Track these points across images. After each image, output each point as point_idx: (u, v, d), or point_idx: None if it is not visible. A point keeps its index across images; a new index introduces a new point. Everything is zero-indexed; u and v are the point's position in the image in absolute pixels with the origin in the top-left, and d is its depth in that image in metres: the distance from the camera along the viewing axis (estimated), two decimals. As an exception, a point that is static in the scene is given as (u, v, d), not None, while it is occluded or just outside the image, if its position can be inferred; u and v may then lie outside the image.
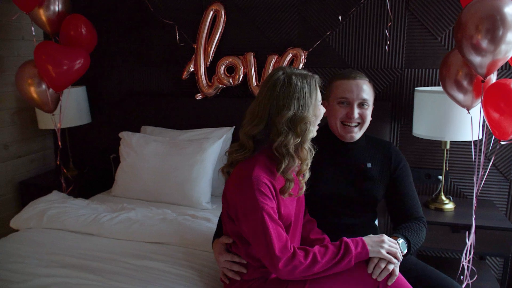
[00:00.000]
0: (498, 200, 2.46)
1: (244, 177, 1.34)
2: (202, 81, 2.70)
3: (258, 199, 1.30)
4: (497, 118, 1.85)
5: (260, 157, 1.39)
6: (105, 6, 2.87)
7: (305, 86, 1.38)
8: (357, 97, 1.67)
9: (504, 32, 1.68)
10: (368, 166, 1.72)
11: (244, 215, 1.33)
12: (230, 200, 1.41)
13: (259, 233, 1.29)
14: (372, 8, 2.44)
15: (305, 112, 1.36)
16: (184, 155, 2.42)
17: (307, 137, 1.38)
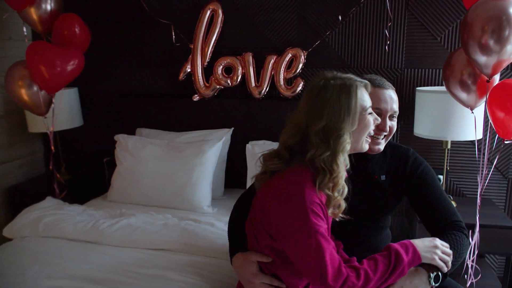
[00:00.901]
0: (497, 198, 2.48)
1: (293, 196, 1.21)
2: (199, 82, 2.64)
3: (312, 221, 1.17)
4: (502, 118, 1.86)
5: (304, 171, 1.25)
6: (98, 5, 2.79)
7: (341, 94, 1.24)
8: (390, 109, 1.53)
9: (510, 32, 1.68)
10: (382, 178, 1.59)
11: (294, 237, 1.19)
12: (272, 218, 1.24)
13: (311, 257, 1.17)
14: (372, 8, 2.43)
15: (339, 123, 1.23)
16: (183, 158, 2.37)
17: (339, 150, 1.23)
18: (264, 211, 1.27)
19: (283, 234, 1.22)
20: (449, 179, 2.52)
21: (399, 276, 1.24)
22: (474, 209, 2.27)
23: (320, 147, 1.23)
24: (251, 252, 1.36)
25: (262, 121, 2.58)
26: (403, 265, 1.23)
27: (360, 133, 1.30)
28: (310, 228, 1.17)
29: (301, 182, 1.22)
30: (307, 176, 1.24)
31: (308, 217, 1.17)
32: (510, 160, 2.43)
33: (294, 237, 1.19)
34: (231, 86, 2.62)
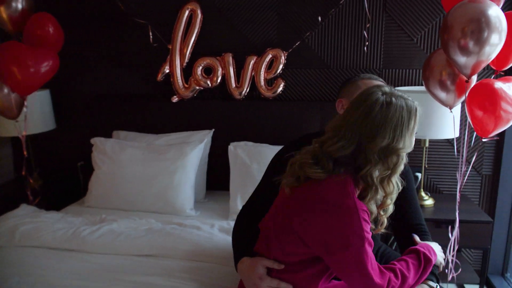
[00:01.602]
0: (471, 194, 2.57)
1: (341, 205, 1.18)
2: (179, 83, 2.60)
3: (363, 229, 1.17)
4: (481, 116, 1.92)
5: (349, 182, 1.22)
6: (71, 3, 2.68)
7: (404, 113, 1.20)
8: None
9: (488, 34, 1.74)
10: None
11: (343, 245, 1.17)
12: (313, 226, 1.21)
13: (361, 263, 1.17)
14: (351, 9, 2.47)
15: (400, 143, 1.19)
16: (165, 160, 2.32)
17: (397, 170, 1.22)
18: (301, 218, 1.23)
19: (329, 243, 1.19)
20: (426, 177, 2.59)
21: (426, 275, 1.30)
22: (452, 205, 2.35)
23: (377, 164, 1.20)
24: (260, 258, 1.34)
25: (243, 122, 2.57)
26: (431, 264, 1.31)
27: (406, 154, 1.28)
28: (362, 236, 1.16)
29: (350, 193, 1.20)
30: (352, 186, 1.22)
31: (360, 225, 1.17)
32: (484, 157, 2.52)
33: (344, 245, 1.17)
34: (211, 87, 2.59)
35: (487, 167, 2.53)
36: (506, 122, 1.90)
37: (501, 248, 2.56)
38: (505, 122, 1.90)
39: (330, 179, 1.22)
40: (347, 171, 1.23)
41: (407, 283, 1.24)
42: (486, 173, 2.54)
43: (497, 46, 1.76)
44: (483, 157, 2.52)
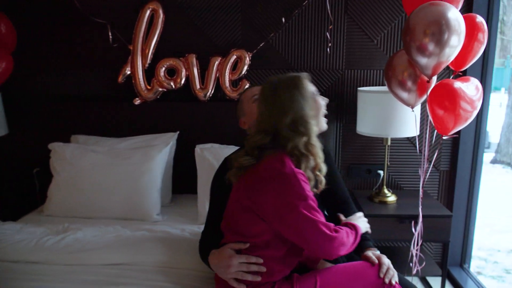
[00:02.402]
0: (430, 189, 2.68)
1: (282, 174, 1.34)
2: (141, 85, 2.52)
3: (304, 189, 1.33)
4: (441, 115, 2.01)
5: (283, 155, 1.38)
6: (24, 1, 2.53)
7: (292, 87, 1.41)
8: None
9: (449, 36, 1.82)
10: None
11: (290, 209, 1.32)
12: (264, 199, 1.35)
13: (310, 220, 1.31)
14: (314, 11, 2.50)
15: (301, 111, 1.39)
16: (129, 165, 2.25)
17: (312, 133, 1.40)
18: (253, 197, 1.38)
19: (278, 211, 1.33)
20: (388, 174, 2.67)
21: (359, 238, 1.45)
22: (413, 201, 2.44)
23: (295, 137, 1.38)
24: (230, 244, 1.45)
25: (208, 123, 2.54)
26: (359, 230, 1.47)
27: (318, 115, 1.50)
28: (304, 195, 1.32)
29: (286, 162, 1.36)
30: (287, 158, 1.38)
31: (300, 185, 1.32)
32: (442, 153, 2.63)
33: (290, 209, 1.31)
34: (175, 89, 2.54)
35: (444, 163, 2.65)
36: (465, 120, 1.99)
37: (459, 240, 2.69)
38: (464, 120, 1.99)
39: (266, 158, 1.39)
40: (277, 151, 1.40)
41: (351, 237, 1.40)
42: (443, 169, 2.66)
43: (456, 47, 1.84)
44: (441, 153, 2.63)
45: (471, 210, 2.66)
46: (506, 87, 8.39)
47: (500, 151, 7.29)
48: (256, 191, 1.37)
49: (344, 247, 1.36)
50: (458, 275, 2.63)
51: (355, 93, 2.56)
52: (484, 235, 4.24)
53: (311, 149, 1.40)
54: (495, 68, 8.79)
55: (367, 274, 1.42)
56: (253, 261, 1.39)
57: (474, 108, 2.00)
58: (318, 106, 1.51)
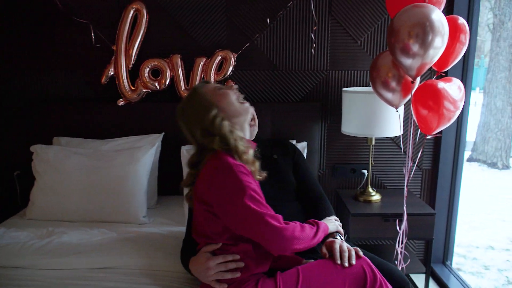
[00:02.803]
0: (413, 188, 2.73)
1: (219, 168, 1.39)
2: (124, 86, 2.49)
3: (242, 180, 1.35)
4: (425, 115, 2.04)
5: (220, 153, 1.44)
6: (1, 0, 2.47)
7: (190, 99, 1.52)
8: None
9: (432, 38, 1.85)
10: (275, 157, 1.91)
11: (232, 201, 1.35)
12: (211, 199, 1.40)
13: (254, 212, 1.32)
14: (298, 12, 2.51)
15: (204, 116, 1.47)
16: (115, 167, 2.21)
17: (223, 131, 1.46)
18: (202, 197, 1.43)
19: (225, 206, 1.37)
20: (372, 173, 2.70)
21: (321, 236, 1.46)
22: (397, 200, 2.48)
23: (214, 139, 1.45)
24: (204, 247, 1.48)
25: (194, 124, 2.52)
26: (322, 226, 1.49)
27: (239, 121, 1.55)
28: (243, 186, 1.35)
29: (221, 156, 1.42)
30: (224, 154, 1.43)
31: (237, 177, 1.36)
32: (424, 153, 2.68)
33: (232, 201, 1.35)
34: (160, 90, 2.51)
35: (426, 162, 2.70)
36: (448, 120, 2.04)
37: (441, 237, 2.75)
38: (447, 120, 2.04)
39: (207, 160, 1.46)
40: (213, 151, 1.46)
41: (305, 231, 1.40)
42: (426, 167, 2.71)
43: (440, 48, 1.88)
44: (423, 153, 2.68)
45: (453, 208, 2.72)
46: (480, 87, 8.62)
47: (476, 149, 7.48)
48: (203, 190, 1.43)
49: (299, 240, 1.36)
50: (441, 272, 2.68)
51: (339, 94, 2.59)
52: (462, 232, 4.34)
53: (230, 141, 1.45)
54: (471, 68, 8.66)
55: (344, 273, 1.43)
56: (229, 260, 1.42)
57: (457, 108, 2.04)
58: (240, 112, 1.56)
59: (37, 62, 2.56)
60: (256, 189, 1.38)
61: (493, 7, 7.44)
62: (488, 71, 7.30)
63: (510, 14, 6.77)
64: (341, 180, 2.74)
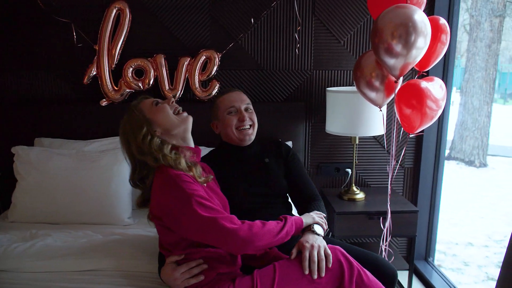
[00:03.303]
0: (396, 186, 2.77)
1: (163, 183, 1.41)
2: (107, 86, 2.46)
3: (185, 189, 1.36)
4: (409, 114, 2.08)
5: (163, 167, 1.45)
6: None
7: (130, 118, 1.55)
8: (242, 103, 1.88)
9: (415, 38, 1.88)
10: (266, 161, 1.90)
11: (182, 212, 1.35)
12: (161, 212, 1.42)
13: (204, 218, 1.33)
14: (282, 12, 2.52)
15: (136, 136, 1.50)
16: (98, 168, 2.18)
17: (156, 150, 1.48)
18: (154, 212, 1.46)
19: (175, 217, 1.38)
20: (356, 172, 2.74)
21: (289, 231, 1.45)
22: (380, 198, 2.52)
23: (147, 158, 1.48)
24: (168, 259, 1.50)
25: (178, 125, 2.50)
26: (291, 220, 1.48)
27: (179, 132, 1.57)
28: (187, 195, 1.35)
29: (165, 170, 1.44)
30: (167, 167, 1.45)
31: (180, 188, 1.37)
32: (406, 151, 2.73)
33: (182, 211, 1.35)
34: (143, 90, 2.49)
35: (409, 161, 2.75)
36: (431, 118, 2.08)
37: (423, 235, 2.79)
38: (430, 119, 2.07)
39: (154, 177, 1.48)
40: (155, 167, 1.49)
41: (266, 227, 1.39)
42: (408, 166, 2.75)
43: (423, 49, 1.92)
44: (405, 151, 2.72)
45: (435, 205, 2.77)
46: (457, 86, 8.80)
47: (454, 147, 7.64)
48: (154, 206, 1.45)
49: (258, 237, 1.35)
50: (424, 269, 2.73)
51: (323, 93, 2.61)
52: (442, 229, 4.42)
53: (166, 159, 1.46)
54: (448, 68, 8.83)
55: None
56: (193, 266, 1.45)
57: (439, 107, 2.08)
58: (177, 123, 1.57)
59: (18, 62, 2.51)
60: (202, 194, 1.39)
61: (470, 8, 7.61)
62: (465, 71, 7.46)
63: (486, 15, 6.94)
64: (325, 179, 2.76)
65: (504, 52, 13.83)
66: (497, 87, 13.61)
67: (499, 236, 4.26)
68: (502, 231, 4.37)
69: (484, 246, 4.04)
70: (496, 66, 7.15)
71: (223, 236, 1.32)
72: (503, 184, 6.19)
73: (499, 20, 6.90)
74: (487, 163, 7.29)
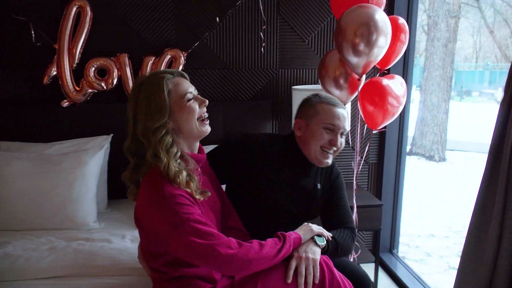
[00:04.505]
0: (361, 181, 2.83)
1: (155, 196, 1.25)
2: (68, 86, 2.39)
3: (180, 212, 1.22)
4: (371, 111, 2.13)
5: (155, 171, 1.29)
6: None
7: (147, 92, 1.31)
8: (343, 127, 1.64)
9: (377, 37, 1.93)
10: (318, 187, 1.71)
11: (169, 233, 1.23)
12: (144, 223, 1.30)
13: (200, 246, 1.21)
14: (248, 11, 2.53)
15: (150, 120, 1.29)
16: (61, 172, 2.11)
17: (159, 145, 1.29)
18: (140, 223, 1.32)
19: (162, 236, 1.25)
20: (322, 169, 2.78)
21: (287, 252, 1.35)
22: (347, 193, 2.56)
23: (150, 146, 1.30)
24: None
25: (144, 125, 2.46)
26: (290, 241, 1.36)
27: (187, 121, 1.35)
28: (181, 219, 1.22)
29: (156, 182, 1.26)
30: (159, 177, 1.27)
31: (175, 210, 1.22)
32: (370, 147, 2.80)
33: (171, 234, 1.23)
34: (107, 90, 2.44)
35: (372, 156, 2.82)
36: (392, 115, 2.14)
37: (388, 228, 2.87)
38: (391, 115, 2.14)
39: (143, 180, 1.32)
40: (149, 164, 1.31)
41: (264, 250, 1.29)
42: (372, 161, 2.82)
43: (384, 47, 1.97)
44: (369, 147, 2.79)
45: (398, 199, 2.86)
46: (417, 84, 9.09)
47: (415, 143, 7.90)
48: (141, 215, 1.32)
49: (256, 261, 1.27)
50: (389, 261, 2.81)
51: (289, 92, 2.63)
52: (405, 222, 4.56)
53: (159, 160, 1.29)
54: (407, 66, 9.04)
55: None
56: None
57: (400, 104, 2.15)
58: (188, 111, 1.35)
59: (-29, 62, 2.40)
60: (198, 217, 1.24)
61: (427, 9, 7.88)
62: (424, 70, 7.72)
63: (443, 16, 7.21)
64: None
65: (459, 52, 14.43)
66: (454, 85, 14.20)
67: (458, 227, 4.44)
68: (461, 222, 4.55)
69: (445, 237, 4.19)
70: (453, 65, 7.44)
71: (218, 262, 1.23)
72: (461, 177, 6.46)
73: (455, 21, 7.19)
74: (446, 157, 7.58)
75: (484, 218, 1.70)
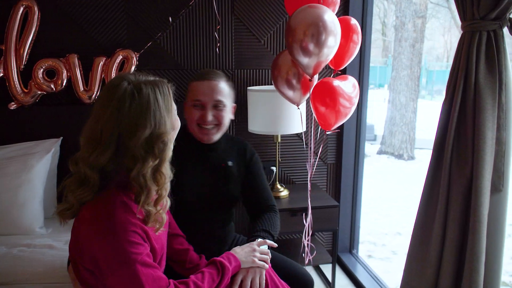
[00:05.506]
0: (320, 182, 2.83)
1: (105, 223, 1.09)
2: (16, 88, 2.31)
3: (128, 252, 1.08)
4: (324, 111, 2.13)
5: (115, 195, 1.13)
6: None
7: (158, 96, 1.14)
8: (210, 99, 1.63)
9: (326, 37, 1.93)
10: (229, 164, 1.73)
11: (112, 270, 1.09)
12: (86, 249, 1.11)
13: (139, 285, 1.08)
14: (201, 10, 2.50)
15: (163, 127, 1.13)
16: (5, 176, 2.04)
17: (165, 157, 1.15)
18: (79, 245, 1.13)
19: (101, 267, 1.10)
20: (280, 170, 2.77)
21: (226, 284, 1.32)
22: (304, 194, 2.54)
23: (146, 159, 1.11)
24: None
25: (96, 127, 2.40)
26: (229, 273, 1.32)
27: (174, 136, 1.24)
28: (128, 259, 1.08)
29: (112, 210, 1.10)
30: (118, 199, 1.12)
31: (123, 248, 1.08)
32: (328, 148, 2.80)
33: (112, 269, 1.08)
34: (56, 91, 2.36)
35: (330, 157, 2.82)
36: (345, 116, 2.14)
37: (347, 228, 2.88)
38: (344, 116, 2.14)
39: (100, 196, 1.13)
40: (116, 181, 1.15)
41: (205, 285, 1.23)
42: (330, 162, 2.83)
43: (333, 47, 1.96)
44: (327, 148, 2.80)
45: (357, 199, 2.87)
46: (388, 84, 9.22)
47: (385, 142, 8.00)
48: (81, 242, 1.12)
49: None
50: (348, 261, 2.82)
51: (245, 92, 2.61)
52: (372, 220, 4.61)
53: (160, 178, 1.15)
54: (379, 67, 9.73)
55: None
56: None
57: (352, 104, 2.15)
58: (177, 125, 1.28)
59: None
60: (146, 259, 1.12)
61: (396, 9, 7.99)
62: (392, 69, 7.82)
63: (410, 16, 7.32)
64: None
65: (431, 51, 14.71)
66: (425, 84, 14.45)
67: (423, 225, 4.50)
68: (426, 220, 4.61)
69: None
70: (420, 65, 7.56)
71: None
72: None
73: (422, 21, 7.31)
74: (415, 156, 7.70)
75: (427, 219, 1.72)
